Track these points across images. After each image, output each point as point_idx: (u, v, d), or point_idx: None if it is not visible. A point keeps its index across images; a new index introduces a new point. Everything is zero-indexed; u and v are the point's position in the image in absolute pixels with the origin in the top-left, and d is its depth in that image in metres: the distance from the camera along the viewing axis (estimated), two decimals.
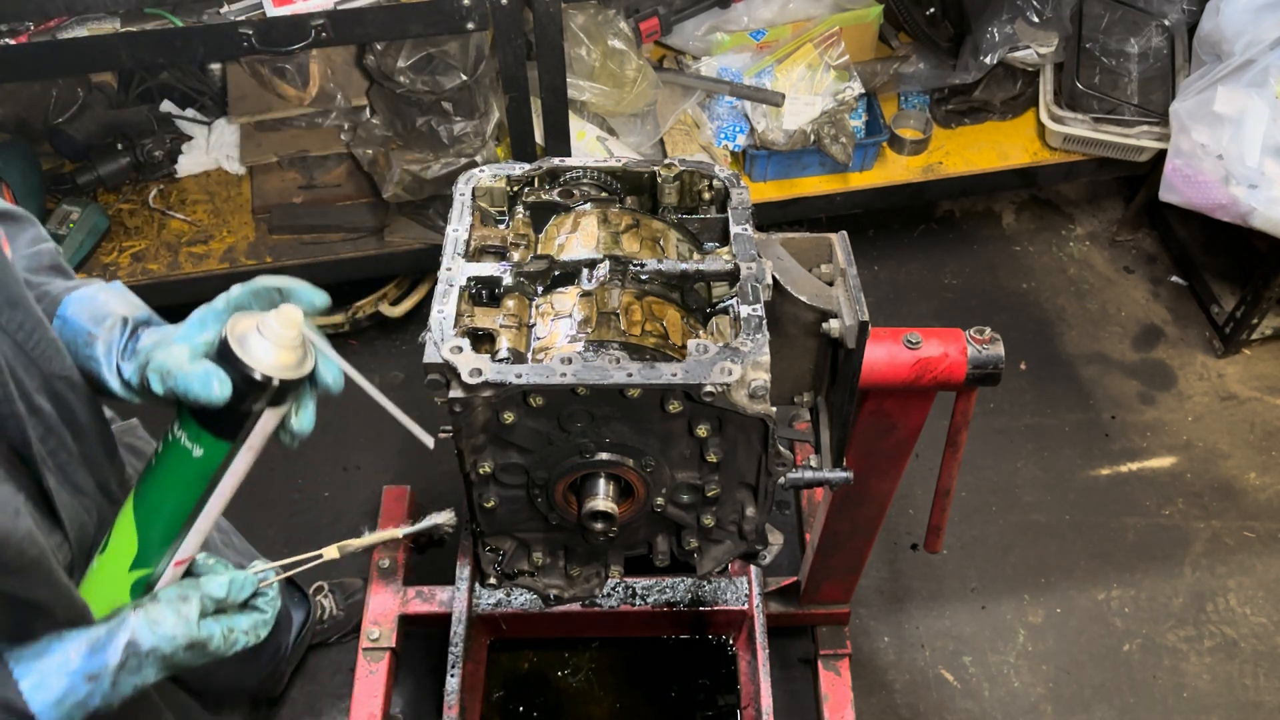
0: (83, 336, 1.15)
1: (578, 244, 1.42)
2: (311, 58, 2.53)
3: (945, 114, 3.03)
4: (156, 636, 1.05)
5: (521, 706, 2.26)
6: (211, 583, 1.12)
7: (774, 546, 1.53)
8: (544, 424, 1.31)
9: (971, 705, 2.33)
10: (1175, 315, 3.10)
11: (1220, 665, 2.39)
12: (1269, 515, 2.65)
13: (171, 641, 1.06)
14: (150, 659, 1.06)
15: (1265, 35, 2.50)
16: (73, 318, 1.17)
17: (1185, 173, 2.65)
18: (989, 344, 1.49)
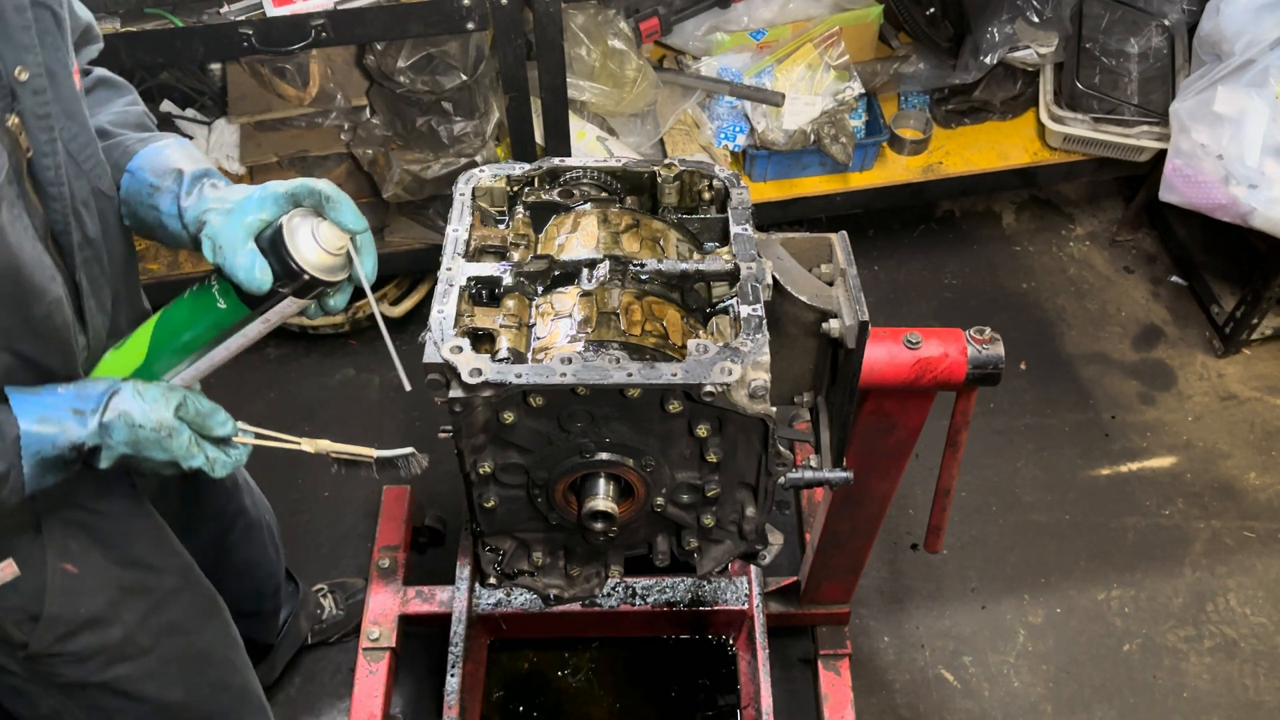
0: (146, 189, 1.27)
1: (578, 244, 1.42)
2: (311, 58, 2.53)
3: (945, 114, 3.03)
4: (137, 405, 1.15)
5: (521, 706, 2.26)
6: (202, 399, 1.22)
7: (774, 546, 1.53)
8: (544, 424, 1.31)
9: (971, 705, 2.33)
10: (1175, 315, 3.10)
11: (1220, 665, 2.39)
12: (1269, 515, 2.65)
13: (146, 415, 1.15)
14: (123, 421, 1.14)
15: (1265, 35, 2.50)
16: (139, 170, 1.28)
17: (1185, 173, 2.65)
18: (989, 344, 1.49)
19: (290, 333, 2.88)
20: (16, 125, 1.09)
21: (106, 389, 1.16)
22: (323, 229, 1.18)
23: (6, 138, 1.07)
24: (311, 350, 2.93)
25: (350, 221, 1.20)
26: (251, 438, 1.26)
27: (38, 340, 1.17)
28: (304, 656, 2.36)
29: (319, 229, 1.18)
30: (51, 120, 1.13)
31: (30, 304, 1.14)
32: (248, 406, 2.72)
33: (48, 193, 1.16)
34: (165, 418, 1.16)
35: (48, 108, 1.13)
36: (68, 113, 1.17)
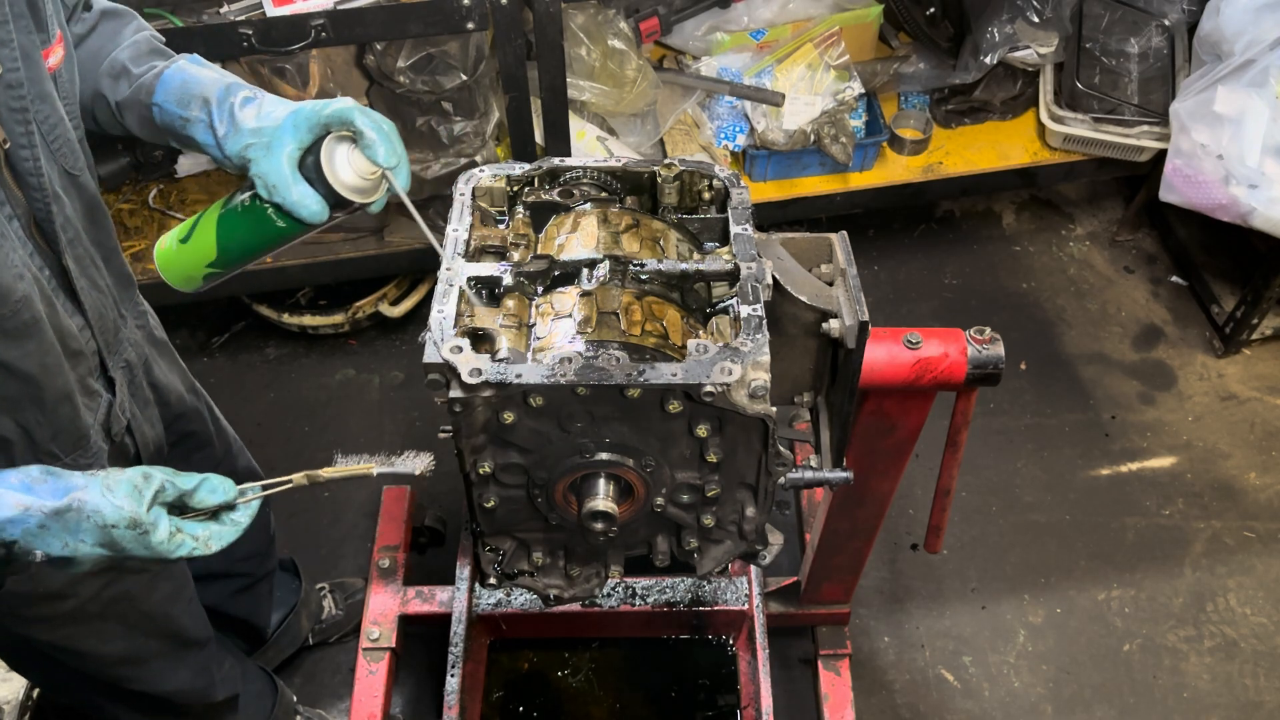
0: (177, 122, 1.29)
1: (578, 244, 1.42)
2: (311, 58, 2.53)
3: (945, 114, 3.03)
4: (104, 501, 1.06)
5: (521, 706, 2.26)
6: (183, 476, 1.14)
7: (774, 546, 1.52)
8: (544, 424, 1.31)
9: (971, 705, 2.33)
10: (1175, 315, 3.10)
11: (1220, 665, 2.39)
12: (1269, 515, 2.65)
13: (117, 511, 1.06)
14: (90, 522, 1.05)
15: (1265, 35, 2.50)
16: (165, 103, 1.30)
17: (1185, 173, 2.65)
18: (989, 344, 1.49)
19: (290, 333, 2.88)
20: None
21: (73, 479, 1.07)
22: (357, 158, 1.26)
23: None
24: (311, 350, 2.93)
25: (383, 158, 1.24)
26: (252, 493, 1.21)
27: (12, 341, 1.15)
28: (304, 657, 2.36)
29: (354, 158, 1.26)
30: (28, 113, 1.14)
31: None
32: (248, 406, 2.72)
33: (27, 182, 1.17)
34: (139, 513, 1.07)
35: (24, 100, 1.13)
36: (40, 95, 1.17)
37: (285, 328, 2.85)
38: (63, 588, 1.41)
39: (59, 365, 1.25)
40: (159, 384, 1.58)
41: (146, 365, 1.55)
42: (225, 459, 1.83)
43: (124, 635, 1.57)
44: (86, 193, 1.31)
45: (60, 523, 1.04)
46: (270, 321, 2.85)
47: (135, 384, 1.49)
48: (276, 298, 2.87)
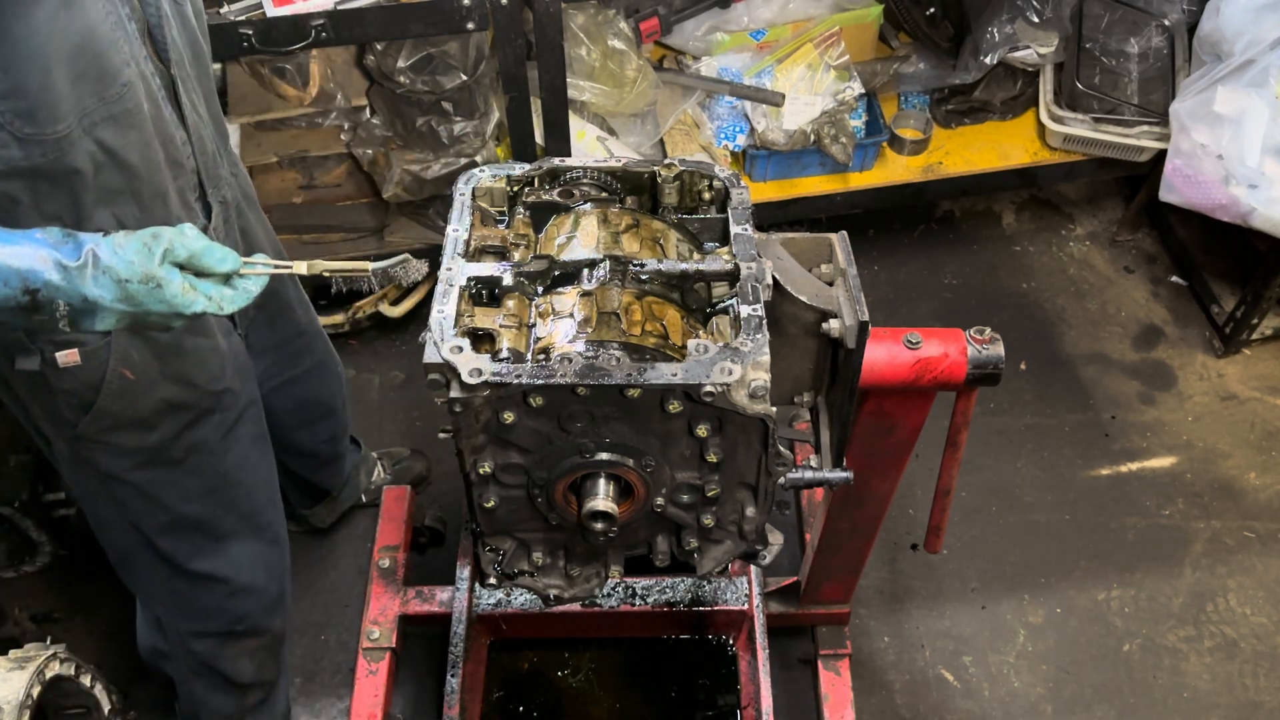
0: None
1: (578, 244, 1.42)
2: (311, 58, 2.53)
3: (945, 114, 3.03)
4: (116, 258, 1.12)
5: (521, 706, 2.26)
6: (193, 238, 1.18)
7: (774, 546, 1.53)
8: (544, 424, 1.31)
9: (971, 705, 2.33)
10: (1175, 315, 3.10)
11: (1220, 665, 2.39)
12: (1269, 515, 2.65)
13: (129, 267, 1.12)
14: (106, 277, 1.11)
15: (1265, 35, 2.50)
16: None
17: (1185, 173, 2.65)
18: (989, 344, 1.49)
19: None
20: None
21: (85, 241, 1.13)
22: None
23: None
24: None
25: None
26: (257, 268, 1.24)
27: (115, 126, 1.24)
28: (305, 661, 2.36)
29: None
30: None
31: (106, 84, 1.22)
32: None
33: None
34: (150, 268, 1.13)
35: None
36: None
37: None
38: (147, 415, 1.50)
39: (158, 163, 1.34)
40: (250, 233, 1.70)
41: (240, 211, 1.66)
42: (309, 327, 2.01)
43: (202, 496, 1.66)
44: (190, 29, 1.41)
45: (79, 277, 1.10)
46: None
47: (229, 223, 1.59)
48: None
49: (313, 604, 2.45)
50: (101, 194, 1.28)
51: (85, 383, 1.41)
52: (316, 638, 2.41)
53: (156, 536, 1.67)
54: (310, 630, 2.42)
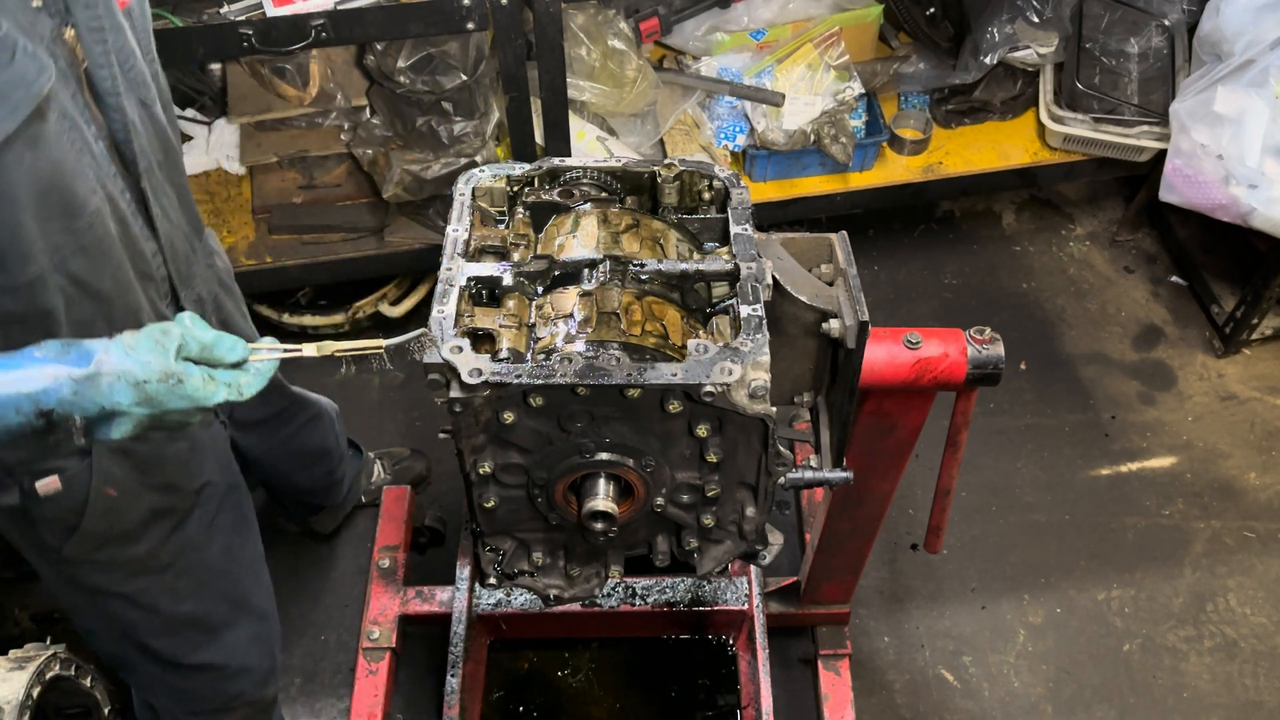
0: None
1: (578, 244, 1.42)
2: (311, 58, 2.53)
3: (945, 114, 3.03)
4: (132, 360, 1.07)
5: (521, 706, 2.26)
6: (200, 328, 1.15)
7: (774, 546, 1.53)
8: (544, 424, 1.31)
9: (971, 705, 2.33)
10: (1175, 315, 3.10)
11: (1220, 665, 2.39)
12: (1269, 515, 2.65)
13: (146, 368, 1.07)
14: (121, 382, 1.06)
15: (1265, 35, 2.50)
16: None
17: (1185, 173, 2.65)
18: (989, 344, 1.49)
19: (290, 333, 2.88)
20: (73, 38, 1.14)
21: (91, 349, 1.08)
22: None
23: (64, 50, 1.12)
24: None
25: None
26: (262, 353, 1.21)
27: (86, 257, 1.20)
28: (305, 661, 2.36)
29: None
30: (105, 33, 1.18)
31: (74, 217, 1.18)
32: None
33: (106, 103, 1.22)
34: (168, 365, 1.08)
35: (100, 20, 1.18)
36: (113, 26, 1.21)
37: (285, 328, 2.85)
38: (133, 528, 1.47)
39: (129, 282, 1.31)
40: (230, 323, 1.67)
41: (217, 302, 1.63)
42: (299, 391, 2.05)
43: (194, 593, 1.63)
44: (160, 126, 1.36)
45: (92, 387, 1.05)
46: (270, 322, 2.85)
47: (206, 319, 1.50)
48: (277, 298, 2.87)
49: (313, 604, 2.45)
50: (74, 327, 1.24)
51: (67, 507, 1.36)
52: (316, 638, 2.41)
53: (152, 640, 1.63)
54: (310, 630, 2.42)
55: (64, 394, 1.04)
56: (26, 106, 1.08)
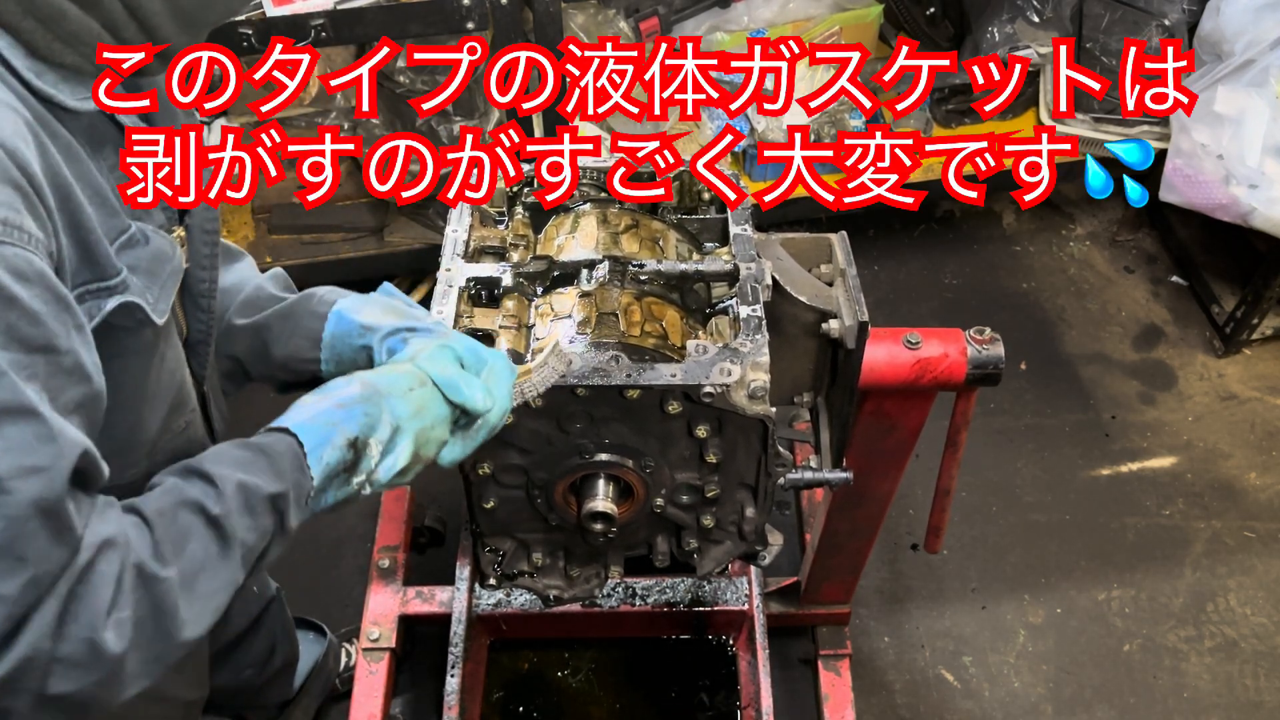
0: (356, 330, 1.24)
1: (577, 244, 1.42)
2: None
3: (945, 114, 3.03)
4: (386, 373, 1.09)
5: (521, 707, 2.26)
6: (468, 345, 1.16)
7: (774, 547, 1.53)
8: (544, 425, 1.31)
9: (972, 705, 2.32)
10: (1175, 315, 3.10)
11: (1220, 665, 2.38)
12: (1269, 515, 2.64)
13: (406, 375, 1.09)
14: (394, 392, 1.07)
15: (1265, 35, 2.50)
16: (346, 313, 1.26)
17: (1185, 173, 2.65)
18: (989, 344, 1.49)
19: None
20: (181, 238, 1.09)
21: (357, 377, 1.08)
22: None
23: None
24: None
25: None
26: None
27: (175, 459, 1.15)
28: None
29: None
30: (215, 235, 1.15)
31: (177, 414, 1.17)
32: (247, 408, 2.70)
33: (197, 304, 1.17)
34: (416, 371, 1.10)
35: (215, 222, 1.14)
36: (216, 228, 1.17)
37: None
38: None
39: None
40: None
41: None
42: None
43: None
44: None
45: (375, 406, 1.05)
46: None
47: None
48: None
49: (313, 604, 2.45)
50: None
51: None
52: None
53: None
54: None
55: (359, 418, 1.03)
56: (175, 282, 1.06)
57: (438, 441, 1.11)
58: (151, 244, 1.01)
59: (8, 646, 0.81)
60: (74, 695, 0.86)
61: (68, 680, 0.85)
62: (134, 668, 0.89)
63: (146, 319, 1.01)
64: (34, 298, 0.82)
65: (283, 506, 0.98)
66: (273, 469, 0.98)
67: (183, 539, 0.92)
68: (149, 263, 1.00)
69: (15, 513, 0.80)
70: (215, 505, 0.94)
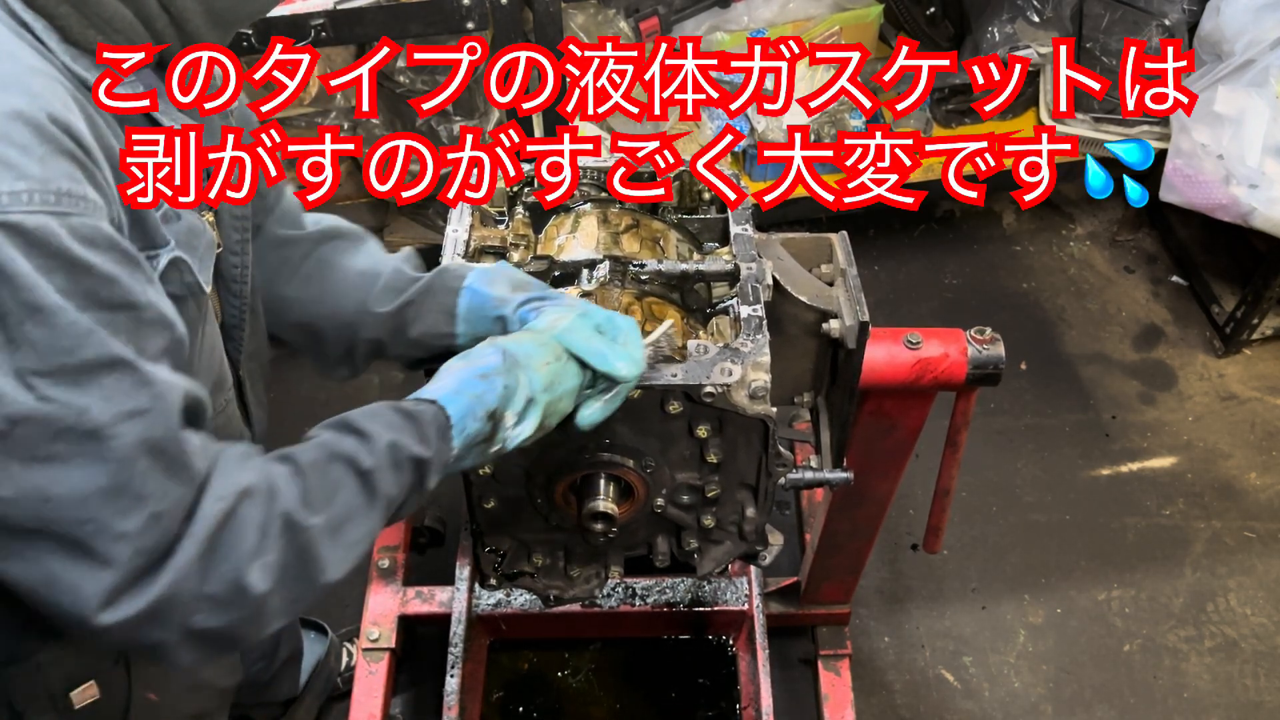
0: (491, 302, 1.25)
1: (577, 244, 1.42)
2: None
3: (945, 114, 3.03)
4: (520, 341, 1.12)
5: (521, 707, 2.26)
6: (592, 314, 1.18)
7: (774, 547, 1.52)
8: None
9: (972, 705, 2.32)
10: (1175, 315, 3.10)
11: (1221, 665, 2.38)
12: (1269, 515, 2.64)
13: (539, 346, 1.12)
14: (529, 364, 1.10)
15: (1265, 35, 2.50)
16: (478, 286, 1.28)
17: (1186, 173, 2.65)
18: (989, 344, 1.49)
19: None
20: (211, 222, 1.11)
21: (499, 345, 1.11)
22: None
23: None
24: None
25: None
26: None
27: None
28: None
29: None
30: (246, 220, 1.17)
31: (218, 394, 1.19)
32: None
33: (230, 289, 1.20)
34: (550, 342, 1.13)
35: (245, 209, 1.16)
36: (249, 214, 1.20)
37: None
38: None
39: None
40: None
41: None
42: None
43: None
44: (258, 316, 1.33)
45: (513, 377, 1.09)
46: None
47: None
48: None
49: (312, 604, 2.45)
50: None
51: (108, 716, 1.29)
52: None
53: None
54: None
55: (499, 390, 1.08)
56: (210, 256, 1.09)
57: (561, 413, 1.15)
58: (184, 219, 1.04)
59: (147, 582, 0.88)
60: (220, 630, 0.93)
61: (214, 616, 0.92)
62: (276, 606, 0.97)
63: (196, 285, 1.05)
64: (107, 261, 0.86)
65: (425, 470, 1.04)
66: (420, 435, 1.03)
67: (334, 490, 0.99)
68: (185, 235, 1.03)
69: (123, 455, 0.86)
70: (367, 459, 1.00)
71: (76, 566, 0.86)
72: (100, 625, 0.88)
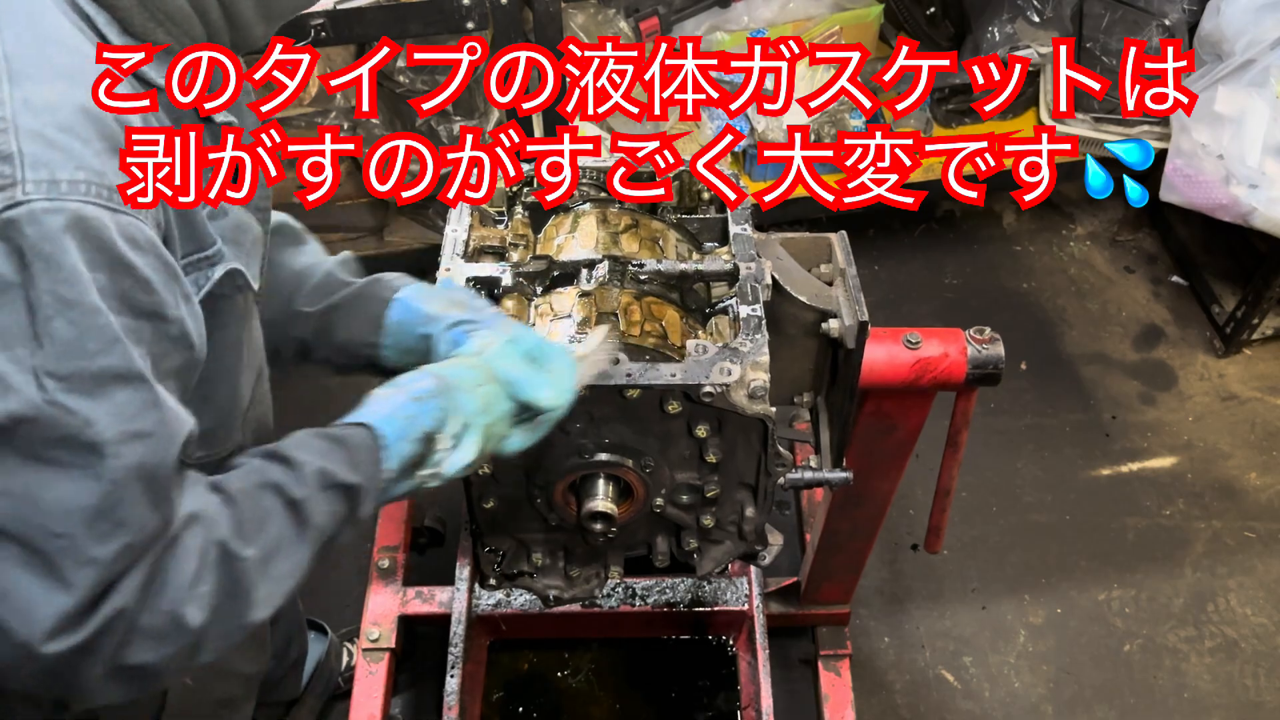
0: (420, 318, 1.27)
1: (577, 244, 1.42)
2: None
3: (945, 114, 3.03)
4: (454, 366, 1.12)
5: (521, 707, 2.26)
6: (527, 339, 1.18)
7: (774, 547, 1.53)
8: None
9: (972, 706, 2.32)
10: (1176, 315, 3.10)
11: (1221, 666, 2.38)
12: (1270, 515, 2.64)
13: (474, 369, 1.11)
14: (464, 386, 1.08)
15: (1265, 35, 2.50)
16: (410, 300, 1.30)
17: (1186, 173, 2.65)
18: (989, 344, 1.49)
19: None
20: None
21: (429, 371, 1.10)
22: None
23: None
24: None
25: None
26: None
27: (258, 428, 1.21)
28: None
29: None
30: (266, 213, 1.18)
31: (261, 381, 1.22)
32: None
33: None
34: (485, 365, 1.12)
35: (265, 200, 1.17)
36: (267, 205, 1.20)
37: None
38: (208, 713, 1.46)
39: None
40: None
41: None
42: None
43: None
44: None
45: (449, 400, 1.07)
46: None
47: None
48: None
49: (313, 604, 2.45)
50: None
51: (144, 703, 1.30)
52: None
53: None
54: None
55: (433, 413, 1.05)
56: (258, 251, 1.09)
57: (499, 436, 1.13)
58: (231, 215, 1.04)
59: (93, 611, 0.83)
60: (150, 665, 0.88)
61: (147, 650, 0.87)
62: (208, 642, 0.92)
63: (246, 284, 1.05)
64: (146, 265, 0.86)
65: (356, 497, 1.01)
66: (350, 460, 1.00)
67: (264, 520, 0.95)
68: (233, 232, 1.03)
69: (118, 476, 0.83)
70: (296, 489, 0.97)
71: (36, 582, 0.82)
72: (41, 654, 0.82)
